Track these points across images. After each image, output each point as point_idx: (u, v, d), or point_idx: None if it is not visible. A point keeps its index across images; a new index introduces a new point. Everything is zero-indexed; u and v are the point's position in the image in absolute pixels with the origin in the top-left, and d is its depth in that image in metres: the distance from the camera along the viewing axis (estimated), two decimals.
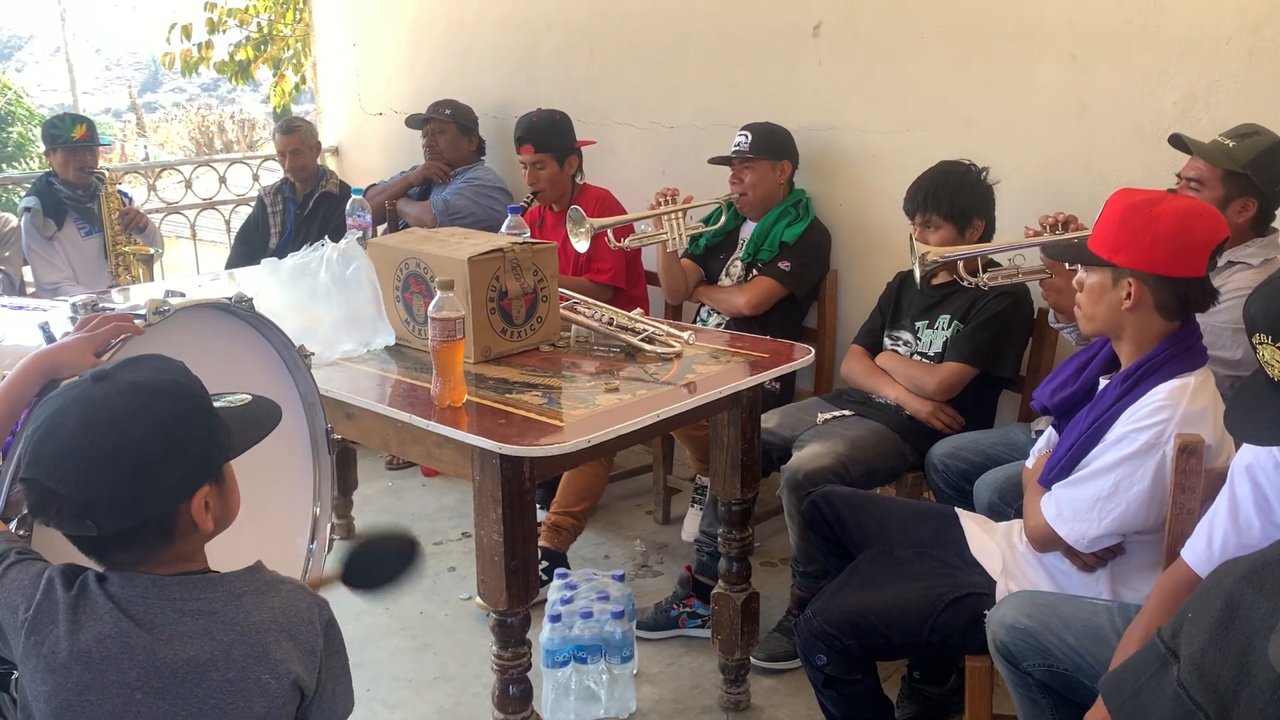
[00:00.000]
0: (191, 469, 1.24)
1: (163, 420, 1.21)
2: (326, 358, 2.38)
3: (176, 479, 1.22)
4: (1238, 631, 1.02)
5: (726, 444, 2.47)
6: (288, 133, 4.38)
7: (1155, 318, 1.93)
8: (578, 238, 3.11)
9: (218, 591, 1.26)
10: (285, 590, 1.32)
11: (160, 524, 1.24)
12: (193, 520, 1.25)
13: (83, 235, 4.00)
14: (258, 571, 1.33)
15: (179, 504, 1.24)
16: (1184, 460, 1.82)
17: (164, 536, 1.25)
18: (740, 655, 2.62)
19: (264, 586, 1.31)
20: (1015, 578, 2.09)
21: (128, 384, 1.23)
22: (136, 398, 1.21)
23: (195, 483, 1.24)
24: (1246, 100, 2.63)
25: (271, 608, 1.28)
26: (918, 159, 2.95)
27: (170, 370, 1.28)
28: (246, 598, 1.27)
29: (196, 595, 1.25)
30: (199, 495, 1.25)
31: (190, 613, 1.23)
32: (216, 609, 1.25)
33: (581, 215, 3.09)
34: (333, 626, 1.35)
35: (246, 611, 1.26)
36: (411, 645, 2.98)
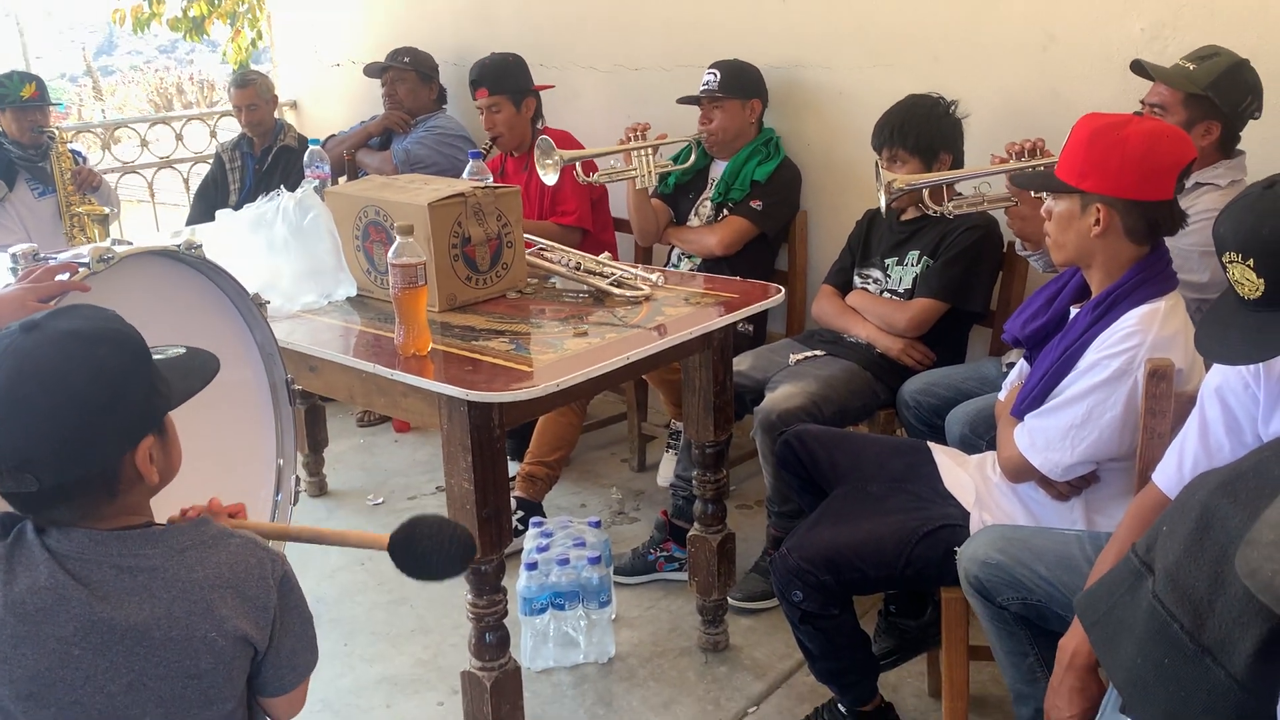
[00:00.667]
0: (134, 418, 1.19)
1: (103, 368, 1.16)
2: (287, 310, 2.34)
3: (119, 429, 1.18)
4: (1212, 542, 1.01)
5: (699, 386, 2.45)
6: (242, 86, 4.28)
7: (1125, 243, 1.91)
8: (545, 170, 3.05)
9: (158, 547, 1.22)
10: (234, 545, 1.28)
11: (103, 477, 1.20)
12: (138, 472, 1.21)
13: (36, 196, 3.90)
14: (203, 525, 1.28)
15: (122, 455, 1.19)
16: (1154, 385, 1.81)
17: (107, 490, 1.21)
18: (717, 596, 2.63)
19: (210, 540, 1.26)
20: (989, 509, 2.09)
21: (61, 332, 1.17)
22: (73, 345, 1.16)
23: (138, 433, 1.20)
24: (1213, 24, 2.60)
25: (217, 563, 1.25)
26: (886, 94, 2.91)
27: (104, 318, 1.22)
28: (189, 553, 1.24)
29: (135, 551, 1.21)
30: (143, 446, 1.21)
31: (129, 569, 1.20)
32: (156, 565, 1.21)
33: (550, 145, 3.03)
34: (288, 582, 1.31)
35: (189, 567, 1.22)
36: (388, 599, 2.97)
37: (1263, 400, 1.58)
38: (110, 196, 4.06)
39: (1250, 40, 2.48)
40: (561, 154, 3.05)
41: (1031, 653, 1.91)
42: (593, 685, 2.58)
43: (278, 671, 1.31)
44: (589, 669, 2.63)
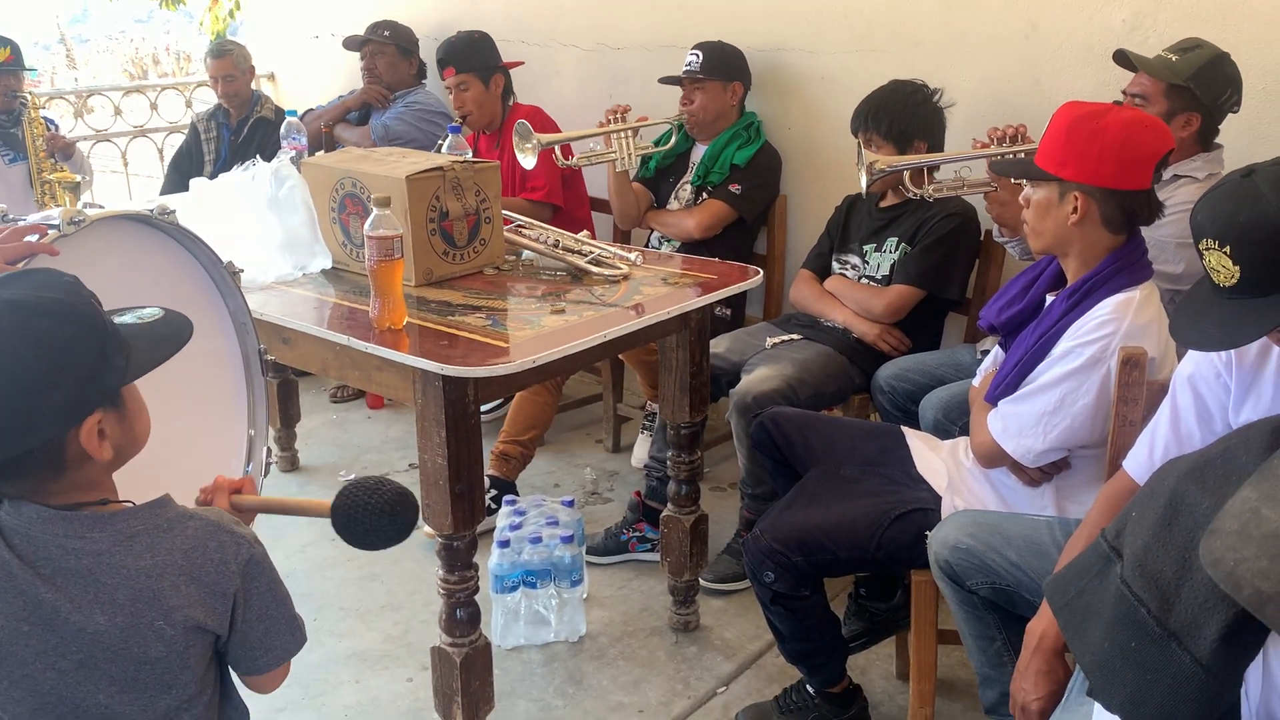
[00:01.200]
0: (76, 393, 1.13)
1: (41, 340, 1.11)
2: (261, 282, 2.31)
3: (58, 404, 1.12)
4: (1180, 528, 1.02)
5: (675, 367, 2.44)
6: (219, 56, 4.22)
7: (1102, 232, 1.92)
8: (524, 154, 3.03)
9: (105, 531, 1.18)
10: (193, 528, 1.23)
11: (47, 453, 1.15)
12: (84, 450, 1.16)
13: (6, 162, 3.84)
14: (160, 508, 1.23)
15: (64, 431, 1.14)
16: (1127, 372, 1.82)
17: (53, 467, 1.16)
18: (689, 576, 2.63)
19: (165, 525, 1.22)
20: (961, 493, 2.10)
21: (3, 302, 1.12)
22: (12, 316, 1.11)
23: (82, 408, 1.15)
24: (1193, 17, 2.61)
25: (170, 549, 1.20)
26: (868, 80, 2.91)
27: (55, 286, 1.17)
28: (139, 538, 1.19)
29: (81, 534, 1.17)
30: (89, 422, 1.15)
31: (74, 552, 1.16)
32: (102, 550, 1.17)
33: (529, 129, 3.01)
34: (255, 565, 1.26)
35: (137, 554, 1.18)
36: (358, 575, 2.95)
37: (1234, 389, 1.59)
38: (83, 164, 4.01)
39: (1230, 34, 2.49)
40: (540, 138, 3.03)
41: (999, 637, 1.92)
42: (563, 664, 2.58)
43: (249, 653, 1.28)
44: (559, 647, 2.63)
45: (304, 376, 4.02)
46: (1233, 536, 0.91)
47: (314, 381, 4.22)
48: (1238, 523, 0.91)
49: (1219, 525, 0.93)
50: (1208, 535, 0.93)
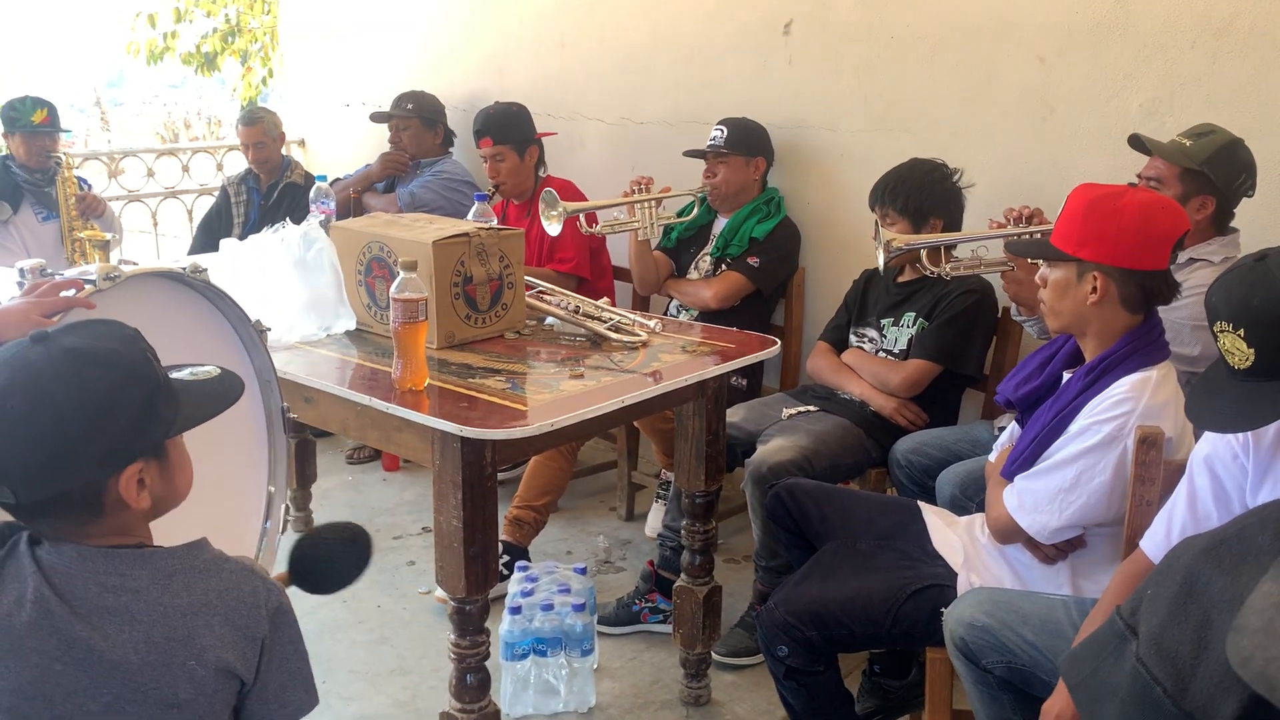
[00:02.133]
0: (118, 443, 1.17)
1: (90, 389, 1.15)
2: (285, 341, 2.35)
3: (100, 452, 1.16)
4: (1196, 606, 1.02)
5: (691, 435, 2.45)
6: (250, 124, 4.33)
7: (1120, 311, 1.93)
8: (550, 221, 3.08)
9: (145, 569, 1.20)
10: (228, 571, 1.26)
11: (85, 498, 1.18)
12: (121, 497, 1.19)
13: (40, 220, 3.93)
14: (198, 550, 1.26)
15: (104, 478, 1.18)
16: (1144, 452, 1.82)
17: (92, 511, 1.19)
18: (702, 649, 2.61)
19: (202, 566, 1.24)
20: (977, 570, 2.09)
21: (63, 349, 1.16)
22: (67, 363, 1.15)
23: (123, 458, 1.18)
24: (1210, 103, 2.66)
25: (206, 589, 1.22)
26: (887, 158, 2.96)
27: (115, 337, 1.21)
28: (177, 577, 1.22)
29: (121, 571, 1.19)
30: (129, 471, 1.19)
31: (113, 589, 1.18)
32: (141, 587, 1.19)
33: (555, 198, 3.07)
34: (282, 614, 1.28)
35: (174, 593, 1.20)
36: (368, 639, 2.94)
37: (1251, 471, 1.59)
38: (113, 223, 4.09)
39: (1245, 120, 2.53)
40: (566, 205, 3.09)
41: (1015, 718, 1.89)
42: None
43: (264, 707, 1.28)
44: (568, 718, 2.60)
45: (322, 437, 4.05)
46: (1259, 634, 0.90)
47: (331, 443, 4.24)
48: (1261, 620, 0.91)
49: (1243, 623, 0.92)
50: (1233, 633, 0.92)
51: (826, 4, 3.37)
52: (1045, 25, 2.92)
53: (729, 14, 3.62)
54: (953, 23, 3.10)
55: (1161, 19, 2.73)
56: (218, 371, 1.32)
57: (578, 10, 4.08)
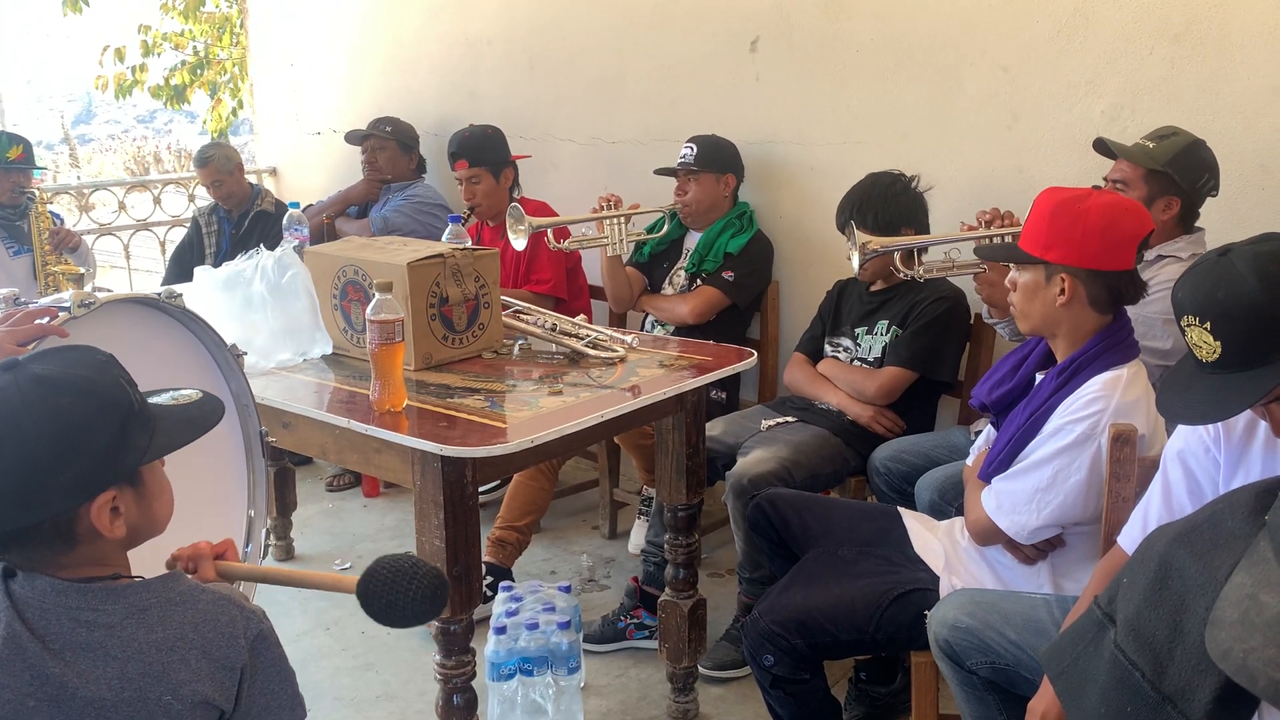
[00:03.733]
0: (88, 471, 1.15)
1: (59, 416, 1.14)
2: (262, 367, 2.34)
3: (69, 481, 1.14)
4: (1171, 592, 1.04)
5: (672, 449, 2.46)
6: (202, 165, 4.31)
7: (1089, 312, 1.96)
8: (516, 235, 3.09)
9: (119, 604, 1.18)
10: (205, 602, 1.24)
11: (57, 528, 1.16)
12: (93, 526, 1.17)
13: (11, 255, 3.90)
14: (172, 582, 1.24)
15: (74, 507, 1.16)
16: (1118, 449, 1.85)
17: (64, 541, 1.17)
18: (688, 663, 2.60)
19: (177, 599, 1.22)
20: (958, 572, 2.11)
21: (32, 377, 1.15)
22: (36, 391, 1.14)
23: (94, 486, 1.16)
24: (1170, 106, 2.71)
25: (181, 622, 1.21)
26: (856, 170, 2.99)
27: (87, 364, 1.20)
28: (152, 611, 1.20)
29: (95, 606, 1.17)
30: (100, 500, 1.17)
31: (86, 624, 1.16)
32: (114, 622, 1.17)
33: (521, 213, 3.07)
34: (263, 641, 1.26)
35: (149, 627, 1.19)
36: (353, 665, 2.92)
37: (1223, 463, 1.62)
38: (87, 257, 4.06)
39: (1205, 123, 2.58)
40: (531, 221, 3.09)
41: (1000, 717, 1.91)
42: None
43: None
44: None
45: (301, 465, 4.03)
46: (1236, 626, 0.91)
47: (311, 470, 4.22)
48: (1237, 611, 0.92)
49: (1219, 615, 0.93)
50: (1210, 626, 0.93)
51: (792, 20, 3.41)
52: (1007, 35, 2.97)
53: (696, 32, 3.66)
54: (916, 35, 3.15)
55: (1120, 26, 2.78)
56: (199, 395, 1.31)
57: (546, 32, 4.11)
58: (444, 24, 4.46)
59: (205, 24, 7.40)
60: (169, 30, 7.39)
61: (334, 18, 4.92)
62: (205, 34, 7.48)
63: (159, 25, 7.32)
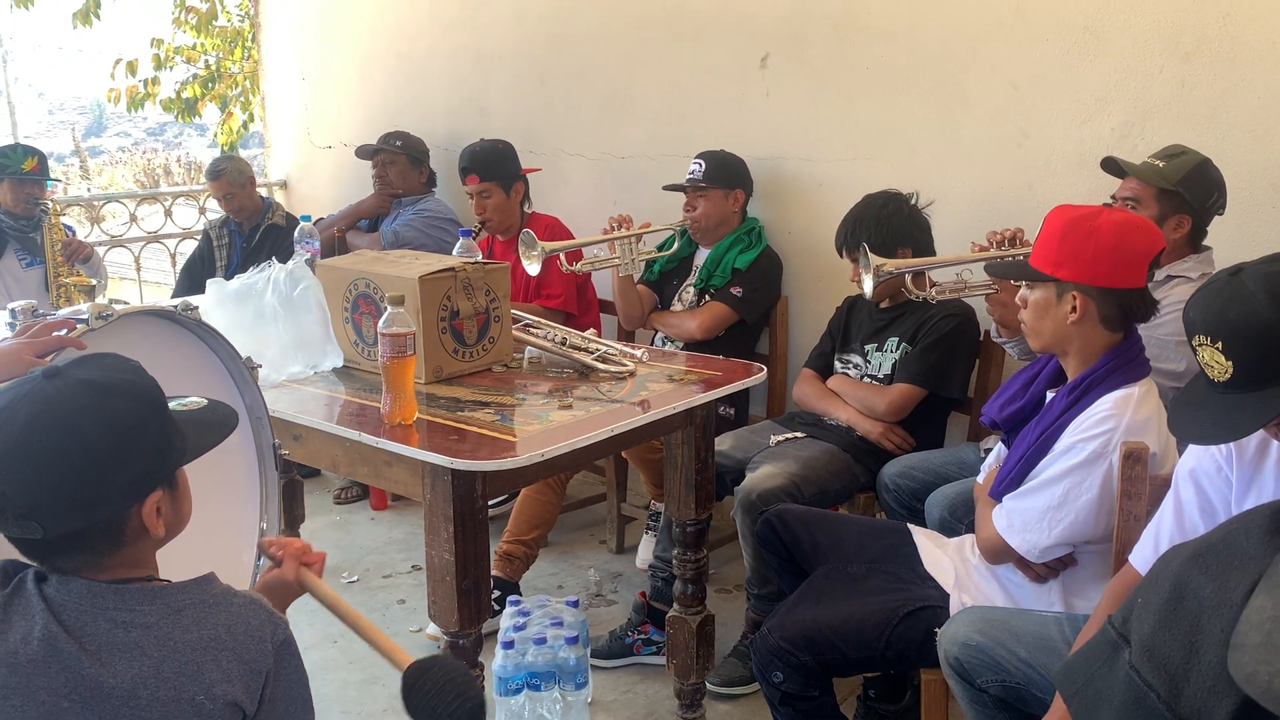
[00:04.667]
0: (143, 471, 1.19)
1: (115, 419, 1.17)
2: (273, 380, 2.35)
3: (127, 481, 1.18)
4: (1186, 612, 1.03)
5: (680, 463, 2.46)
6: (214, 178, 4.33)
7: (1100, 330, 1.96)
8: (529, 261, 3.10)
9: (155, 604, 1.21)
10: (237, 606, 1.27)
11: (109, 528, 1.19)
12: (143, 525, 1.21)
13: (23, 266, 3.92)
14: (206, 584, 1.27)
15: (130, 507, 1.20)
16: (1129, 467, 1.85)
17: (112, 541, 1.20)
18: (696, 679, 2.60)
19: (210, 600, 1.25)
20: (968, 590, 2.10)
21: (79, 381, 1.18)
22: (88, 395, 1.17)
23: (147, 486, 1.20)
24: (1180, 125, 2.71)
25: (214, 623, 1.23)
26: (865, 186, 3.00)
27: (125, 369, 1.23)
28: (187, 612, 1.22)
29: (132, 606, 1.20)
30: (151, 499, 1.21)
31: (123, 624, 1.19)
32: (151, 623, 1.20)
33: (533, 239, 3.09)
34: (287, 647, 1.29)
35: (184, 628, 1.21)
36: (360, 678, 2.92)
37: (1235, 482, 1.62)
38: (99, 268, 4.08)
39: (1213, 142, 2.59)
40: (544, 246, 3.10)
41: None
42: None
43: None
44: None
45: (309, 478, 4.03)
46: (1260, 649, 0.90)
47: (319, 483, 4.23)
48: (1260, 634, 0.91)
49: (1241, 639, 0.93)
50: (1233, 650, 0.93)
51: (802, 37, 3.43)
52: (1017, 52, 2.98)
53: (706, 49, 3.67)
54: (926, 52, 3.16)
55: (1131, 44, 2.79)
56: (205, 402, 1.33)
57: (556, 47, 4.13)
58: (455, 39, 4.48)
59: (217, 38, 7.44)
60: (181, 44, 7.43)
61: (345, 32, 4.95)
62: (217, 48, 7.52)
63: (171, 39, 7.36)
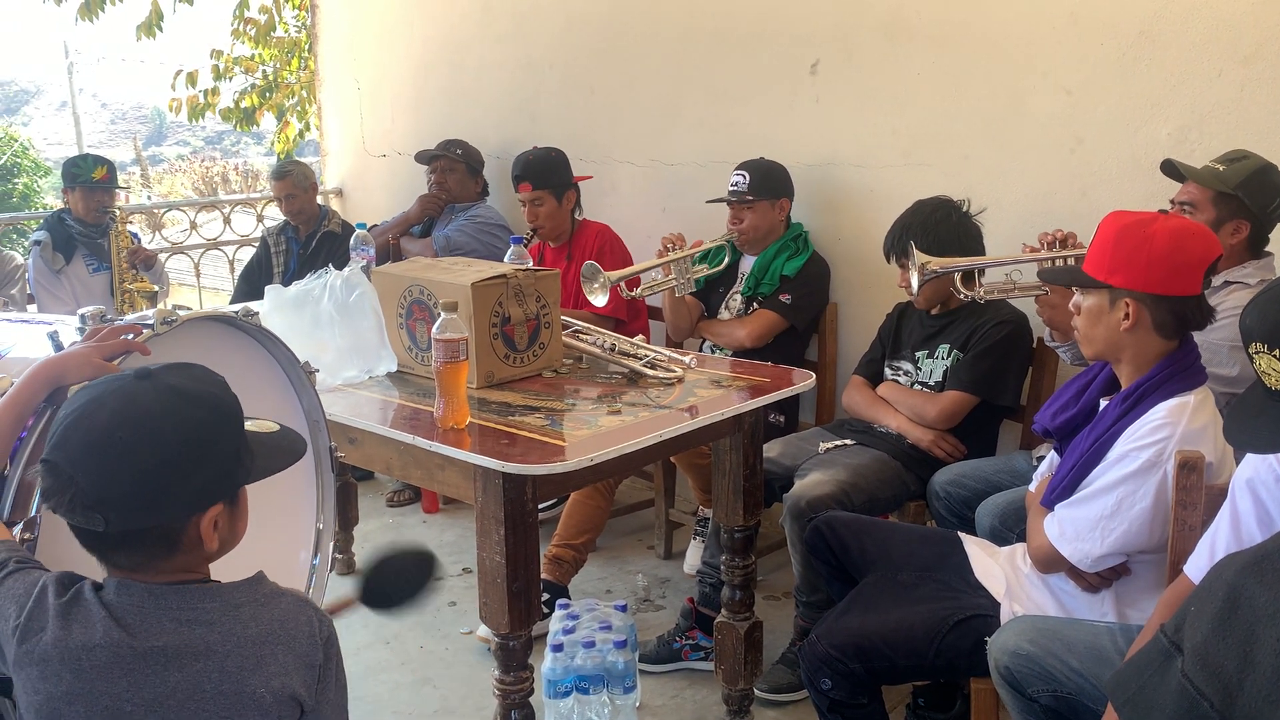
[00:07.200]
0: (210, 483, 1.23)
1: (194, 428, 1.21)
2: (329, 384, 2.39)
3: (194, 490, 1.21)
4: (1240, 621, 1.02)
5: (729, 470, 2.47)
6: (280, 178, 4.44)
7: (1154, 337, 1.94)
8: (594, 294, 3.12)
9: (216, 602, 1.25)
10: (286, 603, 1.31)
11: (168, 533, 1.22)
12: (199, 536, 1.24)
13: (90, 271, 4.04)
14: (258, 583, 1.31)
15: (191, 516, 1.23)
16: (1185, 476, 1.82)
17: (168, 547, 1.23)
18: (744, 685, 2.60)
19: (263, 598, 1.29)
20: (1020, 599, 2.08)
21: (168, 386, 1.22)
22: (173, 400, 1.21)
23: (211, 498, 1.23)
24: (1239, 130, 2.67)
25: (270, 619, 1.27)
26: (916, 192, 2.99)
27: (211, 382, 1.28)
28: (244, 609, 1.26)
29: (193, 605, 1.23)
30: (211, 512, 1.24)
31: (187, 622, 1.22)
32: (214, 619, 1.23)
33: (595, 269, 3.09)
34: (332, 644, 1.33)
35: (244, 623, 1.25)
36: (412, 680, 2.96)
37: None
38: (162, 275, 4.20)
39: (1273, 146, 2.54)
40: (607, 276, 3.12)
41: None
42: None
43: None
44: None
45: (363, 480, 4.10)
46: None
47: (371, 486, 4.29)
48: None
49: None
50: None
51: (852, 43, 3.42)
52: (1071, 57, 2.95)
53: (755, 56, 3.68)
54: (978, 57, 3.14)
55: (1188, 48, 2.75)
56: (277, 428, 1.37)
57: (606, 56, 4.16)
58: (507, 49, 4.53)
59: (275, 48, 7.60)
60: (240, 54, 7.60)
61: (400, 43, 5.03)
62: (275, 58, 7.68)
63: (230, 50, 7.53)
